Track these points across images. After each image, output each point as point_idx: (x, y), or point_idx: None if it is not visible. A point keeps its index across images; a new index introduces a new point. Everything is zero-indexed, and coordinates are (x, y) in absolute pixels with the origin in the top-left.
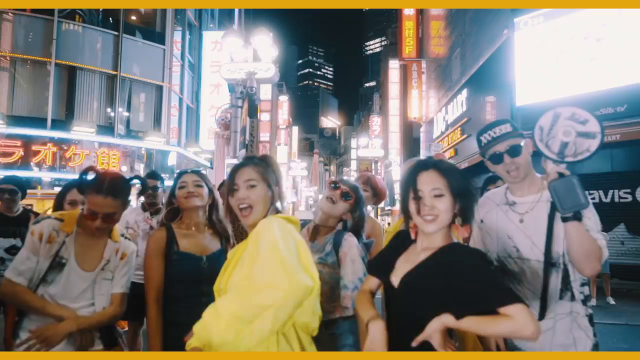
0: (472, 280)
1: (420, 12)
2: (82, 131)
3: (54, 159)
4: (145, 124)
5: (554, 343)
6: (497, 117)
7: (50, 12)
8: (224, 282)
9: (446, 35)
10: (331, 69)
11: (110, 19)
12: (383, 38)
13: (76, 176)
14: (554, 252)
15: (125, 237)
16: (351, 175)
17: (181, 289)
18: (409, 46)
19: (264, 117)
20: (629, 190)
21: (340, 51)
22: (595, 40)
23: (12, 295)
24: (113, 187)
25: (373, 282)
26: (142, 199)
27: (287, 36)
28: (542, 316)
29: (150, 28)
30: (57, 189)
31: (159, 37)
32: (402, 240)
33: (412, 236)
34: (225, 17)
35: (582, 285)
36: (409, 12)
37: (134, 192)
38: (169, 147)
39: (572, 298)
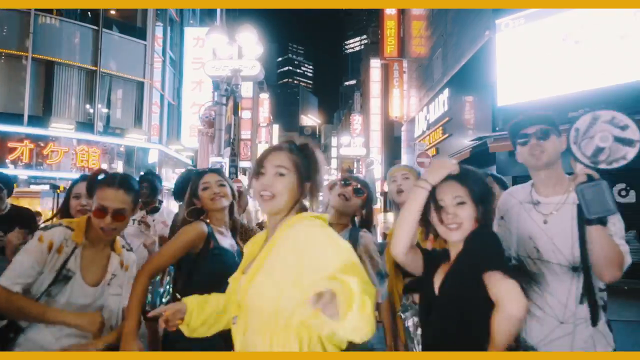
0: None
1: (402, 12)
2: (60, 128)
3: (31, 156)
4: (126, 120)
5: (574, 347)
6: (478, 117)
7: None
8: (247, 280)
9: (427, 36)
10: (311, 67)
11: (89, 13)
12: (363, 37)
13: (55, 174)
14: (577, 257)
15: (127, 249)
16: (331, 173)
17: (223, 283)
18: (390, 45)
19: (245, 114)
20: None
21: (320, 49)
22: (573, 42)
23: (6, 303)
24: (125, 180)
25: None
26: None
27: (267, 34)
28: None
29: (131, 23)
30: (34, 187)
31: (140, 33)
32: (433, 259)
33: (431, 242)
34: (206, 13)
35: (601, 291)
36: (390, 11)
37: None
38: (150, 145)
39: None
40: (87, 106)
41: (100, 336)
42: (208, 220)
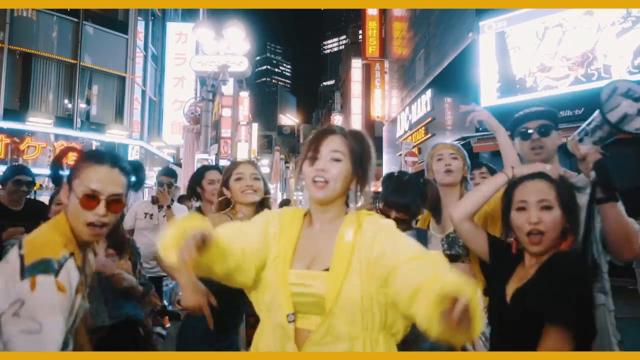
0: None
1: (383, 13)
2: (38, 122)
3: (6, 151)
4: (106, 116)
5: None
6: (462, 118)
7: None
8: (332, 280)
9: (410, 37)
10: (289, 66)
11: (67, 4)
12: (342, 37)
13: (37, 170)
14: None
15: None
16: None
17: None
18: (372, 46)
19: (226, 112)
20: None
21: (298, 49)
22: (556, 44)
23: None
24: (118, 158)
25: None
26: (154, 192)
27: (245, 33)
28: None
29: (112, 17)
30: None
31: (121, 26)
32: (507, 257)
33: (513, 250)
34: (188, 11)
35: (605, 278)
36: (372, 12)
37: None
38: (132, 141)
39: (603, 290)
40: (66, 100)
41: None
42: (232, 216)
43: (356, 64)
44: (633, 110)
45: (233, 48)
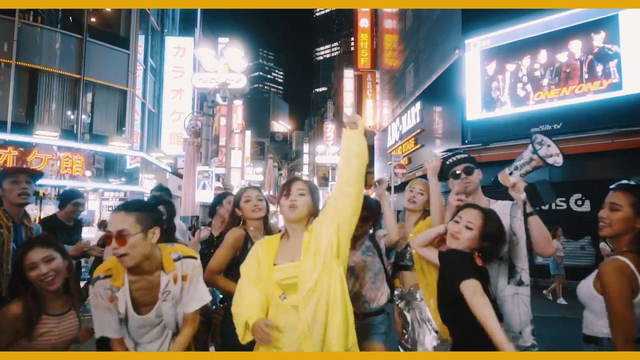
0: None
1: (375, 25)
2: (45, 135)
3: (14, 163)
4: (108, 128)
5: (506, 309)
6: (449, 130)
7: (11, 12)
8: (302, 264)
9: (400, 49)
10: (282, 73)
11: (73, 21)
12: (334, 44)
13: (41, 180)
14: (502, 251)
15: (183, 257)
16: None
17: None
18: (364, 57)
19: (221, 121)
20: (564, 199)
21: (290, 56)
22: (537, 66)
23: None
24: (126, 203)
25: None
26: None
27: (237, 39)
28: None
29: (115, 32)
30: None
31: (123, 42)
32: None
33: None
34: (185, 22)
35: (524, 273)
36: (364, 24)
37: None
38: (133, 152)
39: (519, 283)
40: (70, 114)
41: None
42: (246, 229)
43: (348, 74)
44: (549, 151)
45: (232, 66)
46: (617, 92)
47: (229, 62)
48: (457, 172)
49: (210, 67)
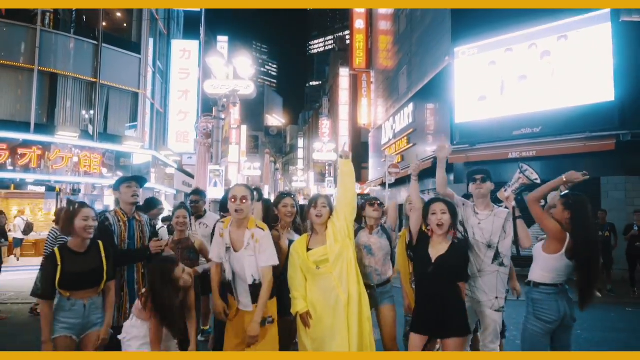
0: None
1: (370, 26)
2: (66, 135)
3: (38, 162)
4: (122, 128)
5: (485, 282)
6: (439, 131)
7: (32, 20)
8: (330, 248)
9: (394, 51)
10: (275, 66)
11: (90, 29)
12: (328, 38)
13: (52, 177)
14: (494, 242)
15: (258, 227)
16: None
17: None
18: (359, 58)
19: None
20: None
21: (284, 49)
22: (518, 77)
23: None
24: (244, 185)
25: None
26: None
27: (230, 31)
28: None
29: (127, 38)
30: (32, 188)
31: (135, 47)
32: None
33: (430, 234)
34: (189, 26)
35: (506, 259)
36: (359, 25)
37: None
38: (145, 151)
39: (500, 264)
40: (87, 115)
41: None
42: (279, 225)
43: (344, 73)
44: (531, 175)
45: (240, 73)
46: (590, 100)
47: (237, 70)
48: (475, 177)
49: (220, 75)
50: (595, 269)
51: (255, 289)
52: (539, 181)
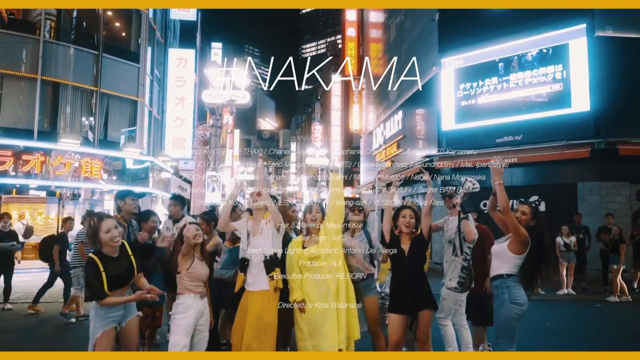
0: None
1: (361, 34)
2: (68, 142)
3: (41, 168)
4: (121, 135)
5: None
6: (427, 137)
7: (35, 31)
8: (322, 247)
9: (385, 59)
10: (267, 69)
11: (91, 39)
12: (320, 42)
13: (52, 182)
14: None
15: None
16: (292, 179)
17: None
18: (351, 65)
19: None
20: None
21: (276, 52)
22: (500, 87)
23: None
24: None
25: None
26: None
27: (222, 35)
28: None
29: (127, 48)
30: (33, 192)
31: (134, 56)
32: None
33: (397, 232)
34: (184, 33)
35: (459, 251)
36: (351, 33)
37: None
38: (144, 157)
39: (457, 255)
40: (87, 122)
41: None
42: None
43: (336, 79)
44: (472, 186)
45: (237, 83)
46: (567, 110)
47: (234, 80)
48: (444, 195)
49: (217, 84)
50: (543, 266)
51: (269, 263)
52: (477, 189)
